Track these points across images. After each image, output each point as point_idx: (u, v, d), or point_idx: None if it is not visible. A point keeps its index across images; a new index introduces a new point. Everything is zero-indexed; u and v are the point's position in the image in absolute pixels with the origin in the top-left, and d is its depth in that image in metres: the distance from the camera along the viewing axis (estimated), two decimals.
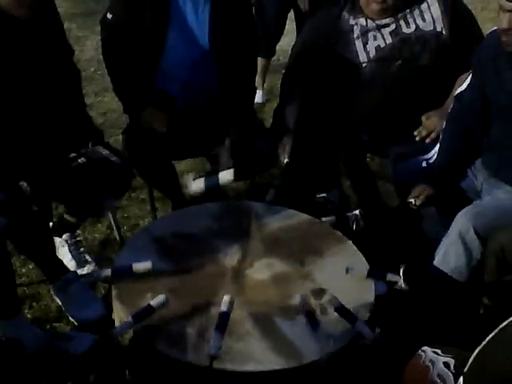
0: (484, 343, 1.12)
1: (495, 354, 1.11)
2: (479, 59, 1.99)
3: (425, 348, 1.36)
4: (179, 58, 2.28)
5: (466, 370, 1.15)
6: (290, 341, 1.52)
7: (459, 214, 1.91)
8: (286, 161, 2.24)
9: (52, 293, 2.14)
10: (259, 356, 1.47)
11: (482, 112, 2.02)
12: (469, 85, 2.02)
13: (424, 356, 1.33)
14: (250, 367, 1.44)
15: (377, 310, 1.64)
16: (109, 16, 2.24)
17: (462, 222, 1.89)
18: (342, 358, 1.53)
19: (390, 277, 1.72)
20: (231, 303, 1.51)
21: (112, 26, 2.25)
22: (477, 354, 1.13)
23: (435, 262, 1.95)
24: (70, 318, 2.09)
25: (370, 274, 1.74)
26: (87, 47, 4.47)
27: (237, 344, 1.50)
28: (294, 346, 1.51)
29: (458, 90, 2.07)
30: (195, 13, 2.24)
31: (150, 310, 1.53)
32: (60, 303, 2.13)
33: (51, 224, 2.37)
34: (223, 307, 1.50)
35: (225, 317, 1.48)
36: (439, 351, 1.33)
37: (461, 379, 1.16)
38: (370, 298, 1.67)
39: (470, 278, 1.90)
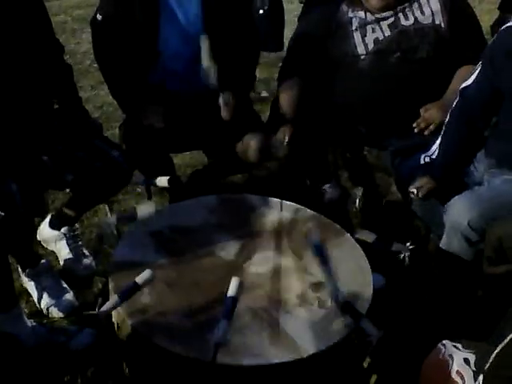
0: (505, 342, 1.11)
1: None
2: (492, 54, 1.98)
3: (445, 342, 1.34)
4: (174, 53, 2.27)
5: (486, 368, 1.13)
6: (288, 334, 1.51)
7: (452, 202, 1.91)
8: (284, 153, 2.23)
9: (23, 280, 2.15)
10: (258, 350, 1.46)
11: (488, 103, 2.01)
12: (476, 78, 2.01)
13: (444, 350, 1.32)
14: (249, 361, 1.43)
15: (375, 304, 1.64)
16: (99, 17, 2.24)
17: (454, 214, 1.89)
18: (342, 350, 1.53)
19: (396, 246, 1.72)
20: (240, 287, 1.49)
21: (103, 26, 2.24)
22: (497, 353, 1.11)
23: (441, 244, 1.98)
24: (38, 307, 2.10)
25: (375, 244, 1.74)
26: (83, 40, 4.45)
27: (235, 337, 1.49)
28: (292, 339, 1.50)
29: (464, 85, 2.06)
30: (182, 6, 2.23)
31: (135, 286, 1.53)
32: (30, 291, 2.13)
33: (49, 217, 2.37)
34: (231, 292, 1.48)
35: (231, 302, 1.46)
36: (460, 346, 1.30)
37: (481, 377, 1.13)
38: (369, 291, 1.66)
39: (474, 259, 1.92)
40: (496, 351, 1.11)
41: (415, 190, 2.04)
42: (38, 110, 2.01)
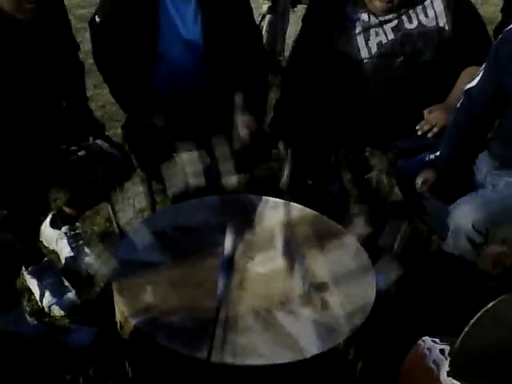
0: (472, 322, 1.17)
1: (481, 333, 1.16)
2: (496, 55, 1.98)
3: (425, 338, 1.41)
4: (177, 62, 2.27)
5: (454, 347, 1.21)
6: (291, 334, 1.51)
7: (457, 204, 1.91)
8: (288, 154, 2.23)
9: (25, 278, 2.15)
10: (261, 350, 1.46)
11: (492, 104, 2.02)
12: (481, 79, 2.02)
13: (423, 345, 1.39)
14: (252, 361, 1.43)
15: (378, 304, 1.64)
16: (97, 19, 2.23)
17: (459, 215, 1.89)
18: (342, 352, 1.53)
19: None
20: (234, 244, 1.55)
21: (101, 29, 2.23)
22: (464, 334, 1.17)
23: (445, 246, 1.98)
24: (40, 305, 2.11)
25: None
26: (86, 39, 4.42)
27: (238, 338, 1.49)
28: (295, 340, 1.50)
29: (468, 86, 2.06)
30: (180, 14, 2.23)
31: None
32: (32, 289, 2.13)
33: (50, 216, 2.37)
34: (226, 250, 1.53)
35: (229, 259, 1.53)
36: (437, 340, 1.38)
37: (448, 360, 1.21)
38: (372, 292, 1.66)
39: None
40: (463, 332, 1.18)
41: (420, 182, 2.03)
42: (49, 107, 2.02)
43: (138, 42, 2.21)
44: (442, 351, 1.34)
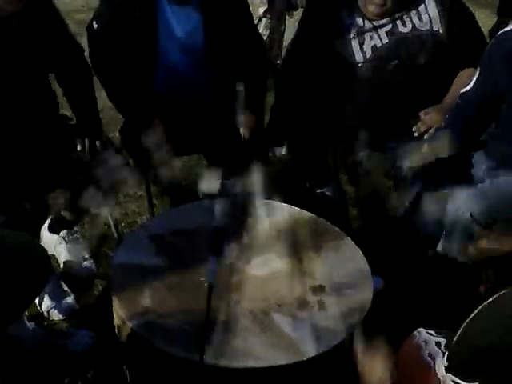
0: (471, 316, 1.16)
1: (480, 328, 1.15)
2: (490, 58, 1.99)
3: (420, 329, 1.41)
4: (174, 65, 2.27)
5: (453, 341, 1.18)
6: (288, 337, 1.52)
7: (455, 196, 1.92)
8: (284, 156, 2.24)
9: None
10: (258, 352, 1.47)
11: (486, 107, 2.03)
12: (476, 81, 2.03)
13: (418, 336, 1.39)
14: (250, 363, 1.44)
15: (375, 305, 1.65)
16: (95, 25, 2.23)
17: (457, 205, 1.90)
18: (340, 353, 1.53)
19: None
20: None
21: (99, 35, 2.23)
22: (463, 328, 1.16)
23: (442, 242, 1.99)
24: (39, 309, 2.10)
25: None
26: (84, 44, 4.45)
27: (235, 340, 1.50)
28: (292, 342, 1.50)
29: (464, 89, 2.07)
30: (180, 22, 2.23)
31: None
32: None
33: (48, 221, 2.37)
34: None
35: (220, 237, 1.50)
36: (433, 332, 1.38)
37: (446, 353, 1.20)
38: (369, 293, 1.67)
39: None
40: (462, 326, 1.17)
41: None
42: (43, 108, 2.02)
43: (136, 46, 2.21)
44: (438, 344, 1.34)
